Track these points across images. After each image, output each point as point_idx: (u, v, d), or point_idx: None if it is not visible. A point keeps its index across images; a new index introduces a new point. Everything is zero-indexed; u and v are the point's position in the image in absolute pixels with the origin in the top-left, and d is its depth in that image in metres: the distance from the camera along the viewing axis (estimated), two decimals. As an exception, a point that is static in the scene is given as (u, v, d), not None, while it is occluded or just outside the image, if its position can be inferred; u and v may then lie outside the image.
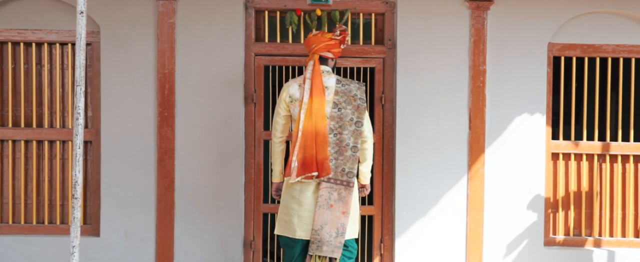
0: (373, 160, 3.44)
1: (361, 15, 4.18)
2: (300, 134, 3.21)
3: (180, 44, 4.06)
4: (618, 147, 4.20)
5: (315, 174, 3.19)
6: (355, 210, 3.31)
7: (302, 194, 3.25)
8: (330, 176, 3.22)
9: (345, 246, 3.29)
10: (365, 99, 3.29)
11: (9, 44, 4.13)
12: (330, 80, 3.29)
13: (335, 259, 3.26)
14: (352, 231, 3.31)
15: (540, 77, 4.09)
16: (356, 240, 3.41)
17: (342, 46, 3.38)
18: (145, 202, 4.08)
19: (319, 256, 3.27)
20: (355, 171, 3.27)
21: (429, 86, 4.07)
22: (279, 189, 3.43)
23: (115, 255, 4.08)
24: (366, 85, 4.43)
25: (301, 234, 3.25)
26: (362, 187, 3.44)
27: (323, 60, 3.34)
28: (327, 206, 3.21)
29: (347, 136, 3.23)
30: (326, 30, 4.10)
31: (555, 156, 4.21)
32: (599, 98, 4.27)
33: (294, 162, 3.21)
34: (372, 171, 3.52)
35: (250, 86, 4.12)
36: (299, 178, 3.20)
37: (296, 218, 3.25)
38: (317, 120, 3.20)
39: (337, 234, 3.22)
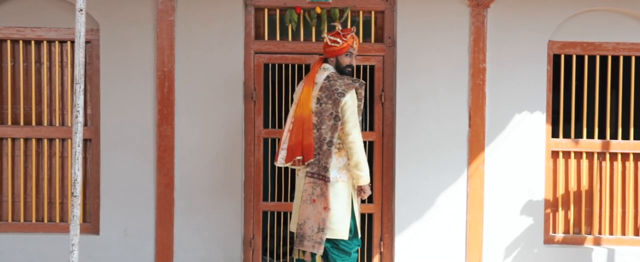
0: (363, 158, 3.26)
1: (361, 13, 4.18)
2: (290, 120, 3.34)
3: (180, 41, 4.05)
4: (618, 145, 4.19)
5: (300, 158, 3.27)
6: (342, 209, 3.27)
7: (299, 188, 3.36)
8: (314, 171, 3.26)
9: (335, 244, 3.30)
10: (345, 93, 3.22)
11: (8, 42, 4.13)
12: (321, 76, 3.34)
13: (317, 254, 3.30)
14: (339, 230, 3.26)
15: (540, 75, 4.09)
16: (351, 241, 3.35)
17: (330, 43, 3.36)
18: (145, 200, 4.07)
19: (303, 251, 3.35)
20: (329, 166, 3.24)
21: (429, 84, 4.06)
22: None
23: (114, 253, 4.08)
24: (366, 83, 4.43)
25: (293, 227, 3.38)
26: (359, 189, 3.35)
27: (326, 60, 3.44)
28: (310, 200, 3.27)
29: (325, 130, 3.25)
30: (326, 28, 4.10)
31: (555, 154, 4.21)
32: (599, 96, 4.27)
33: (283, 150, 3.34)
34: (369, 172, 3.37)
35: (249, 84, 4.11)
36: (288, 164, 3.32)
37: (294, 211, 3.39)
38: (303, 108, 3.30)
39: (318, 229, 3.24)
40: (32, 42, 4.14)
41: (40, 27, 4.09)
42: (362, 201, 4.23)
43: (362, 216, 4.52)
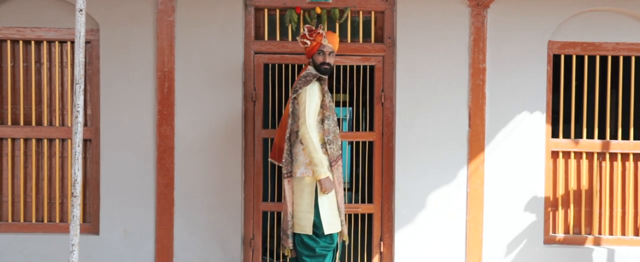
0: (314, 152, 3.25)
1: (361, 13, 4.18)
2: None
3: (180, 42, 4.05)
4: (618, 145, 4.19)
5: (272, 160, 3.62)
6: (305, 204, 3.33)
7: None
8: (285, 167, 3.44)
9: (301, 239, 3.37)
10: (298, 89, 3.34)
11: (8, 42, 4.13)
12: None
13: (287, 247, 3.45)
14: (301, 226, 3.34)
15: (540, 75, 4.09)
16: (319, 238, 3.35)
17: (302, 45, 3.50)
18: (145, 200, 4.08)
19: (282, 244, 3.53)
20: (295, 163, 3.38)
21: (429, 84, 4.07)
22: None
23: (114, 253, 4.08)
24: (366, 83, 4.43)
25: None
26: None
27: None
28: (285, 196, 3.44)
29: (290, 128, 3.41)
30: (325, 29, 4.11)
31: (555, 154, 4.21)
32: (599, 96, 4.27)
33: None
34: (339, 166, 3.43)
35: (249, 84, 4.11)
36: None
37: None
38: (285, 110, 3.56)
39: (287, 224, 3.42)
40: (32, 42, 4.14)
41: (40, 27, 4.09)
42: (362, 201, 4.23)
43: (362, 216, 4.53)
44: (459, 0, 4.06)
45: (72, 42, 4.11)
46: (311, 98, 3.31)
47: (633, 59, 4.25)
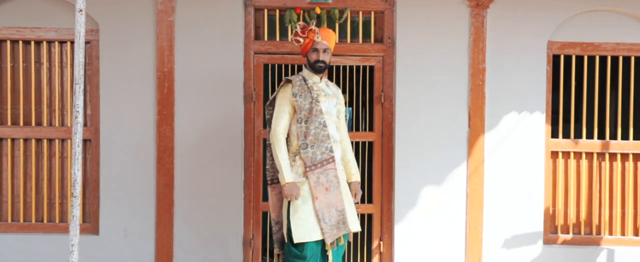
0: (276, 157, 3.21)
1: (361, 13, 4.18)
2: None
3: (180, 42, 4.05)
4: (617, 145, 4.20)
5: None
6: (285, 211, 3.27)
7: None
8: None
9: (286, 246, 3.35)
10: (276, 92, 3.33)
11: (8, 42, 4.13)
12: None
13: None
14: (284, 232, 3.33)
15: (539, 75, 4.09)
16: (292, 247, 3.24)
17: (296, 44, 3.38)
18: (145, 200, 4.07)
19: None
20: (269, 168, 3.41)
21: (429, 84, 4.07)
22: None
23: (114, 253, 4.08)
24: (366, 83, 4.43)
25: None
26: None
27: None
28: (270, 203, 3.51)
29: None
30: (321, 26, 4.10)
31: (554, 154, 4.21)
32: (599, 96, 4.28)
33: None
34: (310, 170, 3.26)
35: (249, 84, 4.11)
36: None
37: None
38: None
39: (273, 230, 3.48)
40: (32, 43, 4.14)
41: (40, 27, 4.09)
42: (362, 201, 4.23)
43: (362, 216, 4.52)
44: (459, 1, 4.06)
45: (72, 42, 4.11)
46: (279, 102, 3.25)
47: (633, 59, 4.26)
